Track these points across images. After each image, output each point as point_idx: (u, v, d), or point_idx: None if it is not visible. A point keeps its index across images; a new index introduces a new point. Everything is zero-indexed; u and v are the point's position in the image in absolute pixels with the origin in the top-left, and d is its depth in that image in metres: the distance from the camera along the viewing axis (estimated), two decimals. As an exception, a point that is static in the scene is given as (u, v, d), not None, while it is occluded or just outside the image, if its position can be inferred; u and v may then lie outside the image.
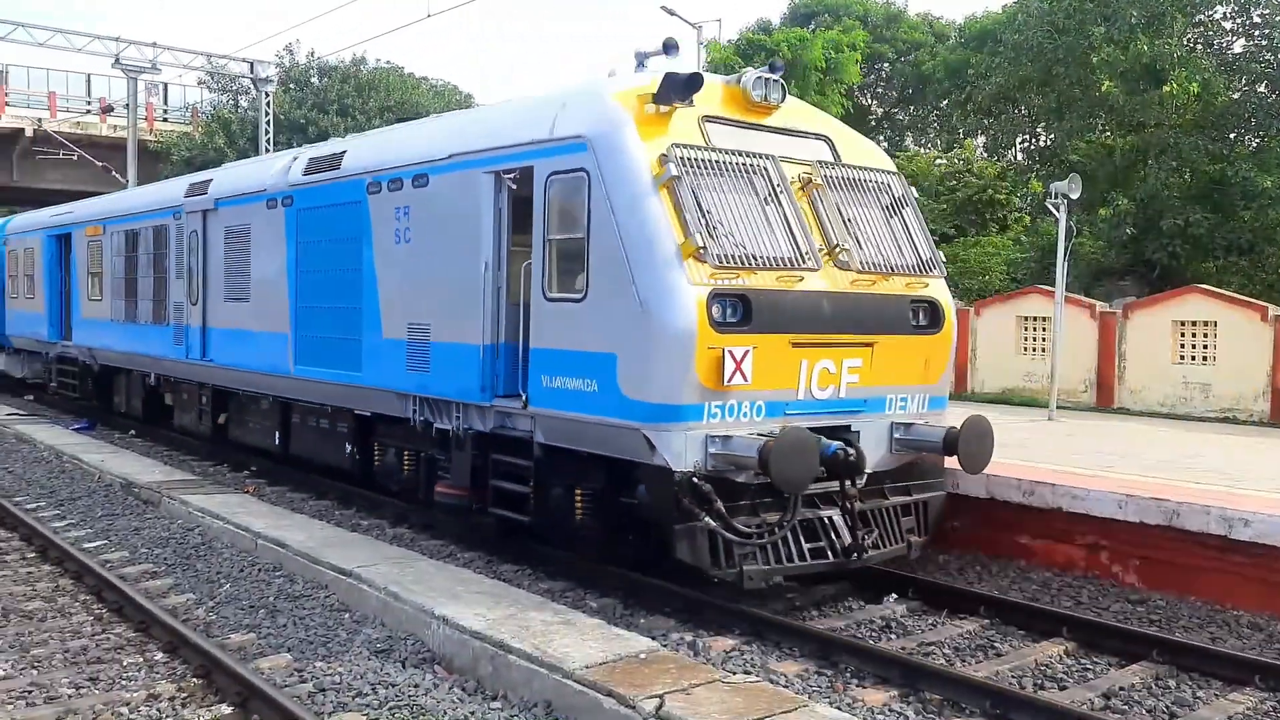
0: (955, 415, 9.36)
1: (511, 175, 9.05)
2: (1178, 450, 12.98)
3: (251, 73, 32.50)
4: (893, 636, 8.09)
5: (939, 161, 31.91)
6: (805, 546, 8.22)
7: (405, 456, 10.93)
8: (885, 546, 8.72)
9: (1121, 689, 7.05)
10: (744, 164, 8.35)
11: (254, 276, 12.99)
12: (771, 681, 6.75)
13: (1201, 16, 23.02)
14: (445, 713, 6.24)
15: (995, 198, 28.37)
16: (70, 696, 6.53)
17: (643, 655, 6.47)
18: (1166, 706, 6.79)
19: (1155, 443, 13.71)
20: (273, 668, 6.97)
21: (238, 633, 7.72)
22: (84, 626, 7.89)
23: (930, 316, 9.14)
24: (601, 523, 8.63)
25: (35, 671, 6.93)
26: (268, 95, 32.43)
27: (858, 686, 6.99)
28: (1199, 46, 23.04)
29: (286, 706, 6.09)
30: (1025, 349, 18.91)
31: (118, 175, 32.43)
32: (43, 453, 15.11)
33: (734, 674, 6.62)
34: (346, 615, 8.02)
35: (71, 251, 19.20)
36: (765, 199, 8.34)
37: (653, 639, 7.20)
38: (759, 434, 7.75)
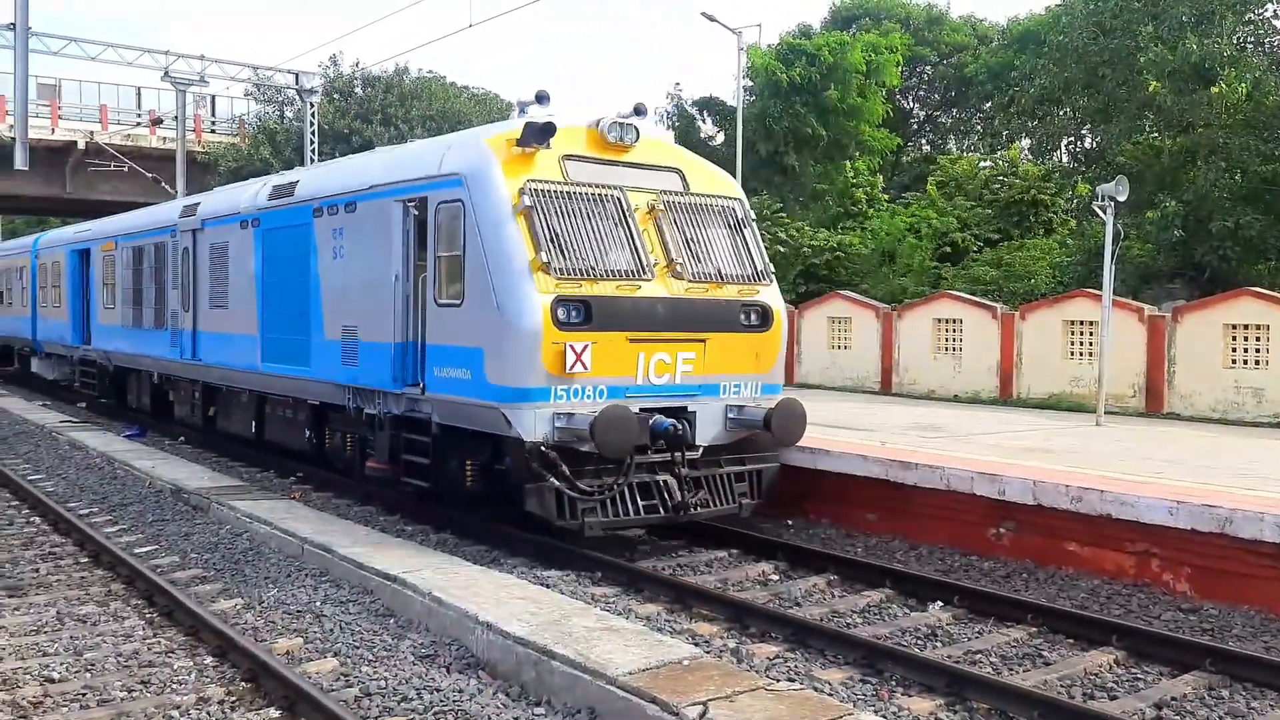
0: (999, 419, 9.27)
1: (413, 203, 10.90)
2: (1230, 456, 12.73)
3: (297, 84, 32.96)
4: (938, 644, 8.02)
5: (983, 164, 31.60)
6: (641, 504, 10.01)
7: (347, 439, 12.75)
8: (715, 506, 10.51)
9: (1173, 699, 6.93)
10: (595, 194, 10.24)
11: (232, 286, 14.92)
12: (816, 689, 6.72)
13: (1252, 15, 22.60)
14: (489, 719, 6.27)
15: (1039, 199, 28.04)
16: (123, 699, 6.63)
17: (686, 662, 6.45)
18: (1220, 717, 6.67)
19: (1206, 448, 13.46)
20: (319, 672, 7.05)
21: (285, 637, 7.81)
22: (136, 630, 8.02)
23: (761, 317, 10.98)
24: (485, 487, 10.50)
25: (89, 675, 7.05)
26: (312, 106, 32.85)
27: (903, 695, 6.93)
28: (1249, 45, 22.63)
29: (333, 710, 6.15)
30: (1072, 354, 18.67)
31: (167, 186, 32.98)
32: (95, 459, 15.39)
33: (777, 681, 6.59)
34: (391, 620, 8.09)
35: (90, 265, 21.20)
36: (615, 222, 10.20)
37: (695, 645, 7.20)
38: (621, 414, 9.48)
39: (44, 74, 40.68)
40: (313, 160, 32.77)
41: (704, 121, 36.78)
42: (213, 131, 46.16)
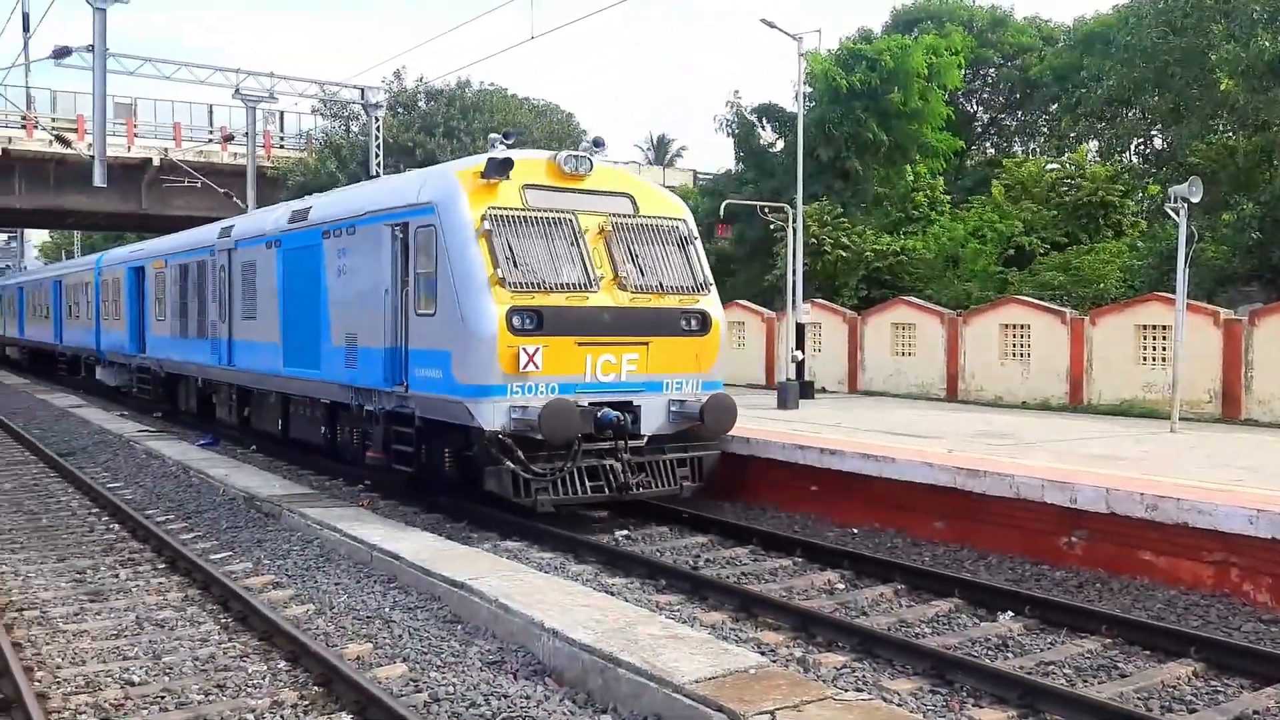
0: (1068, 426, 9.13)
1: (398, 227, 12.40)
2: (1312, 463, 12.34)
3: (362, 99, 33.49)
4: (1009, 655, 7.89)
5: (1050, 166, 31.03)
6: (589, 484, 11.48)
7: (353, 433, 14.15)
8: (657, 488, 11.99)
9: (1255, 713, 6.74)
10: (550, 217, 11.72)
11: (260, 299, 16.60)
12: (884, 699, 6.66)
13: (1329, 9, 21.94)
14: (556, 724, 6.31)
15: (1107, 200, 27.45)
16: (200, 703, 6.79)
17: (752, 670, 6.43)
18: (1305, 732, 6.47)
19: (1287, 455, 13.06)
20: (389, 677, 7.15)
21: (355, 642, 7.93)
22: (211, 635, 8.20)
23: (700, 323, 12.35)
24: (460, 471, 11.90)
25: (167, 678, 7.23)
26: (377, 120, 33.36)
27: (974, 706, 6.83)
28: (1326, 40, 21.95)
29: (404, 716, 6.23)
30: (1144, 359, 18.25)
31: (238, 201, 33.70)
32: (171, 468, 15.78)
33: (845, 691, 6.54)
34: (459, 627, 8.17)
35: (144, 281, 23.21)
36: (567, 242, 11.68)
37: (761, 654, 7.17)
38: (564, 406, 11.03)
39: (121, 94, 41.84)
40: (378, 173, 33.29)
41: (763, 129, 36.62)
42: (281, 147, 47.14)
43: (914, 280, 27.65)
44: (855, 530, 12.01)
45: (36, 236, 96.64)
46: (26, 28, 24.35)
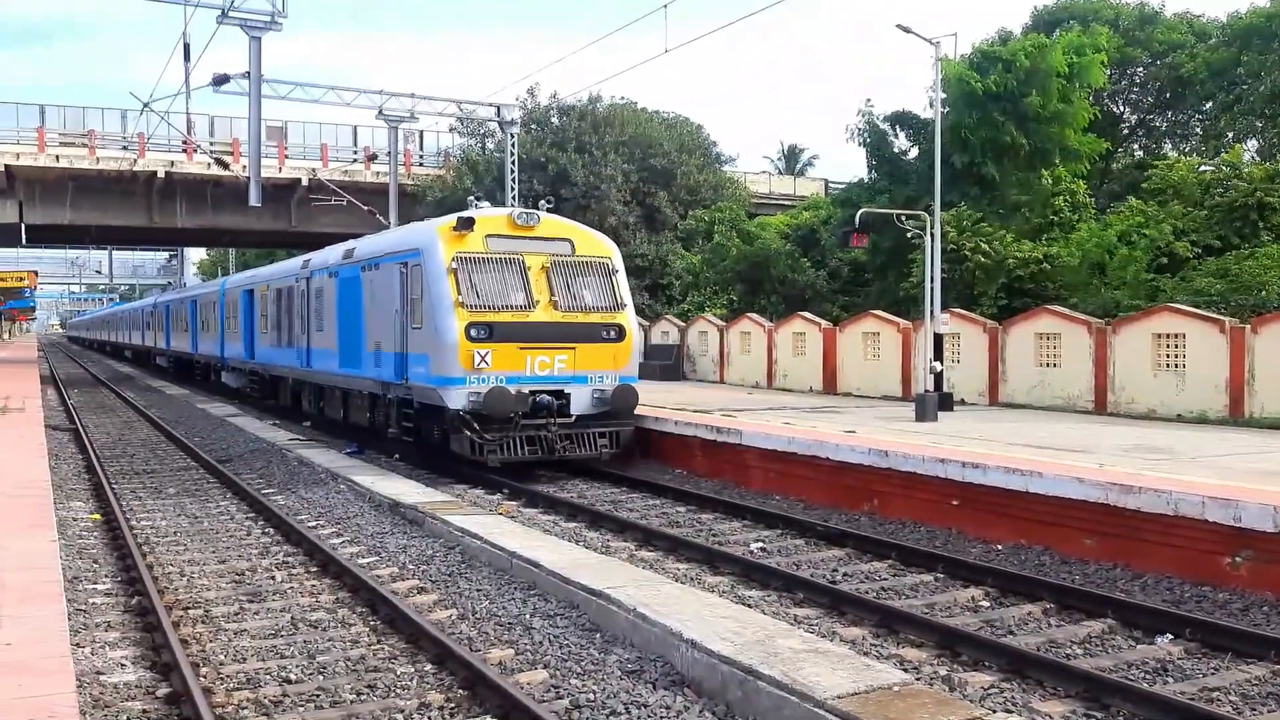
0: (1229, 440, 8.64)
1: (402, 265, 17.06)
2: None
3: (498, 116, 34.28)
4: (1168, 679, 7.51)
5: (1203, 168, 29.53)
6: (527, 449, 15.77)
7: (386, 415, 18.30)
8: (580, 452, 16.21)
9: None
10: (503, 258, 16.27)
11: (325, 316, 21.42)
12: (1035, 721, 6.42)
13: None
14: (697, 735, 6.30)
15: (1266, 201, 25.92)
16: (352, 701, 7.03)
17: (895, 687, 6.29)
18: None
19: None
20: (531, 683, 7.26)
21: (497, 647, 8.09)
22: (361, 637, 8.49)
23: (617, 333, 16.70)
24: (444, 439, 16.16)
25: (321, 677, 7.51)
26: (512, 137, 34.08)
27: (1132, 732, 6.54)
28: None
29: (546, 721, 6.31)
30: (1313, 369, 17.18)
31: (380, 218, 34.90)
32: (320, 475, 16.42)
33: (994, 712, 6.35)
34: (597, 635, 8.24)
35: (254, 301, 28.01)
36: (517, 275, 16.18)
37: (905, 671, 7.01)
38: (503, 391, 15.44)
39: (272, 117, 43.95)
40: (513, 189, 34.06)
41: (895, 136, 35.97)
42: (420, 164, 48.67)
43: (1057, 288, 26.69)
44: (999, 546, 11.65)
45: (195, 254, 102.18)
46: (188, 57, 25.78)
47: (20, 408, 23.46)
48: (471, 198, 18.57)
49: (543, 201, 18.95)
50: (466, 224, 16.27)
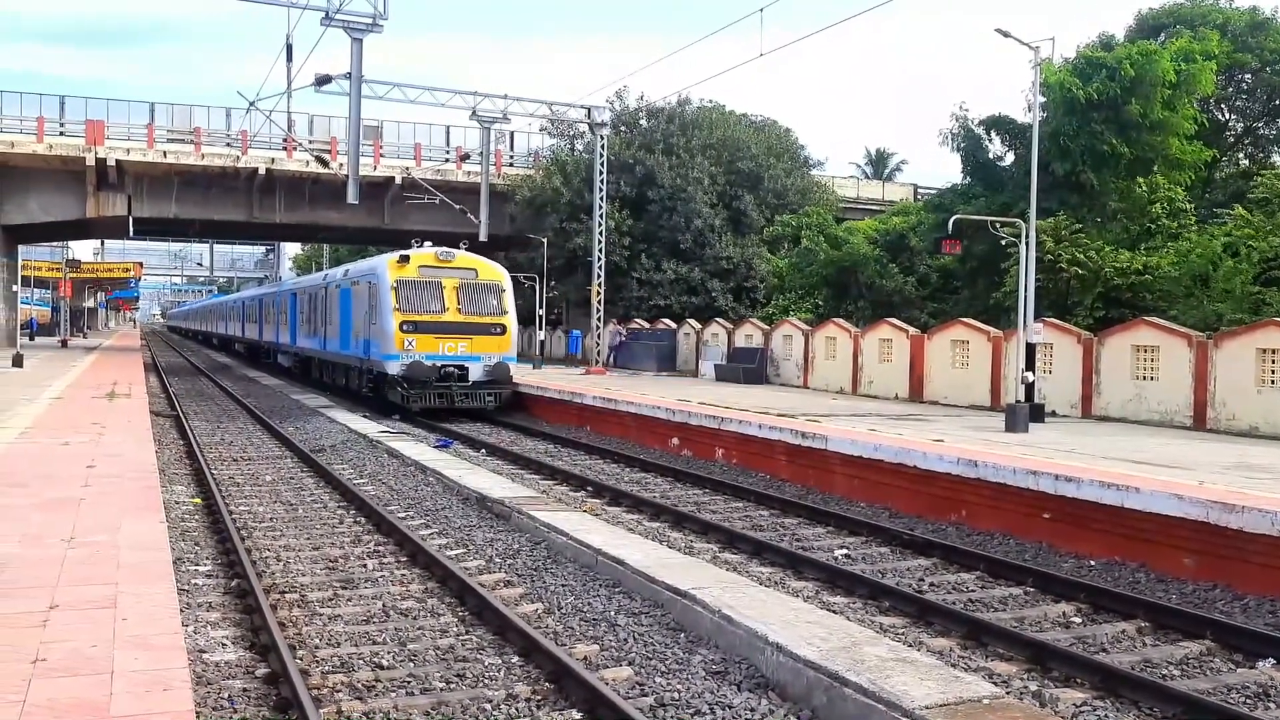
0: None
1: (369, 283, 26.15)
2: None
3: (588, 118, 34.55)
4: (1270, 705, 7.28)
5: (1316, 178, 28.38)
6: (438, 401, 24.70)
7: (359, 380, 27.91)
8: (474, 405, 25.09)
9: None
10: (429, 281, 25.35)
11: (332, 315, 30.50)
12: (1129, 741, 6.28)
13: None
14: (782, 739, 6.30)
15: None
16: (442, 690, 7.18)
17: (985, 700, 6.21)
18: None
19: None
20: (616, 679, 7.33)
21: (583, 643, 8.18)
22: (450, 627, 8.66)
23: (500, 330, 25.64)
24: (388, 395, 25.24)
25: (412, 664, 7.68)
26: (602, 139, 34.31)
27: (1231, 757, 6.36)
28: None
29: (633, 718, 6.38)
30: None
31: (471, 217, 35.45)
32: (409, 467, 16.77)
33: (1087, 729, 6.22)
34: (682, 635, 8.28)
35: (296, 302, 37.31)
36: (437, 293, 25.28)
37: (994, 684, 6.92)
38: (421, 363, 24.79)
39: (368, 117, 44.95)
40: (601, 190, 34.34)
41: (990, 141, 35.34)
42: (510, 164, 49.31)
43: (1156, 299, 25.96)
44: (1092, 562, 11.40)
45: (291, 249, 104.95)
46: (290, 58, 26.55)
47: (127, 394, 24.42)
48: (414, 240, 27.54)
49: (462, 243, 27.84)
50: (405, 259, 25.62)
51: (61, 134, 43.78)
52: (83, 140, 43.18)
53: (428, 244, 26.91)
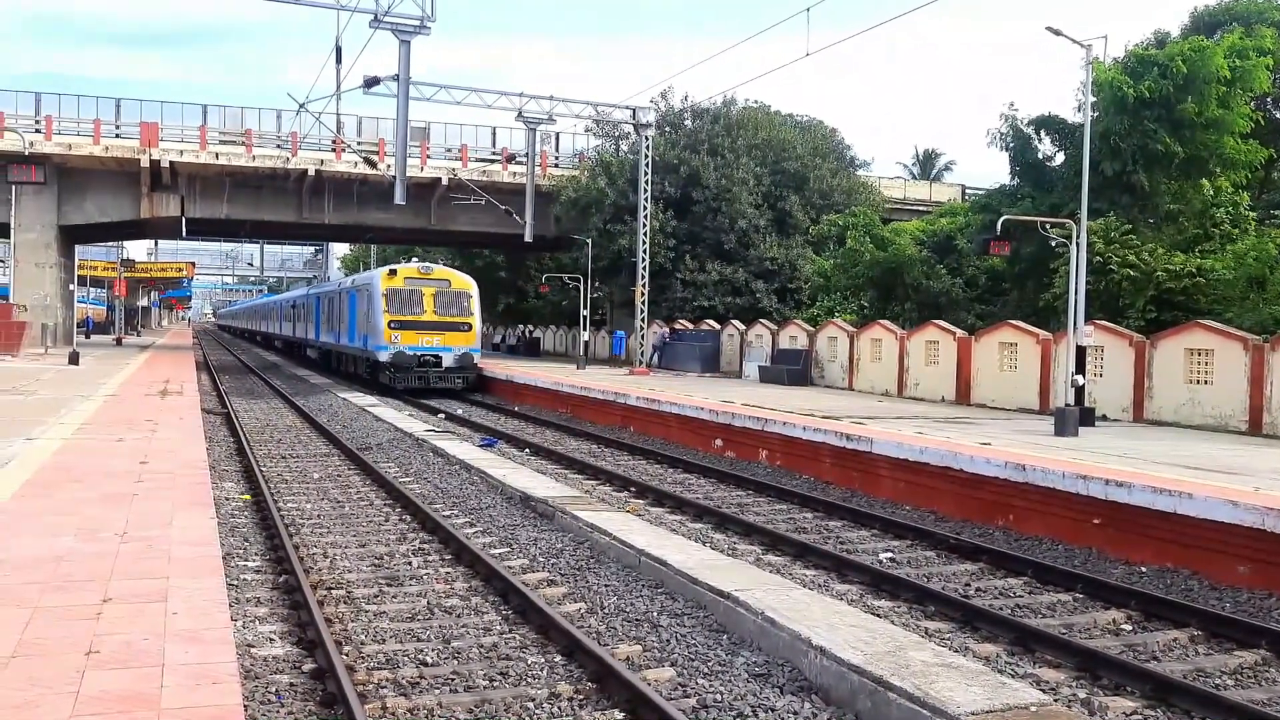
0: None
1: (367, 290, 34.52)
2: None
3: (633, 118, 34.59)
4: (1329, 718, 7.11)
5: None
6: (419, 382, 32.63)
7: (359, 367, 36.44)
8: (447, 385, 33.03)
9: None
10: (412, 290, 33.43)
11: (344, 314, 37.99)
12: (1181, 752, 6.17)
13: None
14: (825, 743, 6.26)
15: None
16: (485, 687, 7.22)
17: (1032, 708, 6.13)
18: None
19: None
20: (658, 680, 7.33)
21: (625, 643, 8.19)
22: (493, 625, 8.70)
23: (467, 328, 33.75)
24: (381, 377, 33.10)
25: (456, 662, 7.74)
26: (647, 140, 34.33)
27: (1287, 770, 6.22)
28: None
29: (675, 718, 6.37)
30: None
31: (516, 217, 35.66)
32: (454, 466, 16.89)
33: (1137, 739, 6.12)
34: (724, 636, 8.27)
35: (319, 303, 44.18)
36: (418, 300, 33.32)
37: (1042, 691, 6.82)
38: (404, 353, 32.80)
39: (414, 118, 45.34)
40: (646, 191, 34.47)
41: (1040, 141, 34.84)
42: (555, 165, 49.48)
43: (1211, 303, 25.46)
44: (1143, 569, 11.21)
45: (339, 249, 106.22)
46: (339, 60, 26.86)
47: (179, 391, 24.85)
48: (403, 258, 33.59)
49: (441, 260, 33.34)
50: (394, 272, 33.54)
51: (117, 136, 44.67)
52: (137, 142, 44.03)
53: (414, 260, 38.44)
